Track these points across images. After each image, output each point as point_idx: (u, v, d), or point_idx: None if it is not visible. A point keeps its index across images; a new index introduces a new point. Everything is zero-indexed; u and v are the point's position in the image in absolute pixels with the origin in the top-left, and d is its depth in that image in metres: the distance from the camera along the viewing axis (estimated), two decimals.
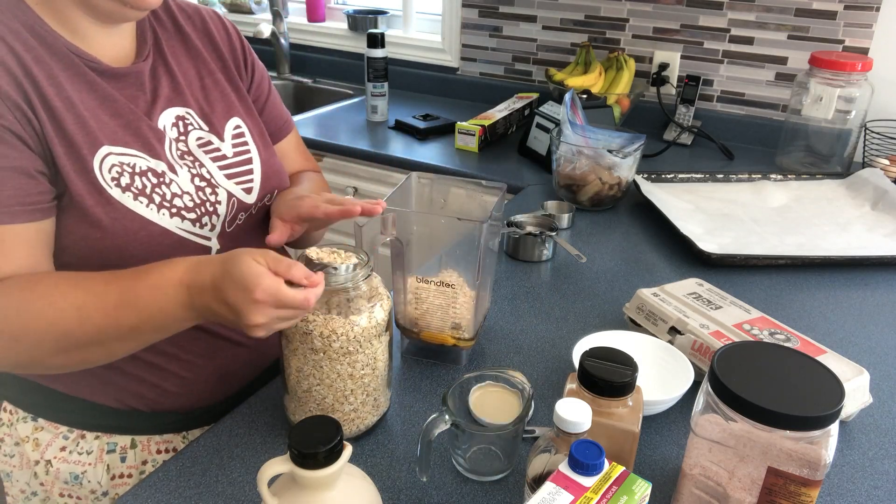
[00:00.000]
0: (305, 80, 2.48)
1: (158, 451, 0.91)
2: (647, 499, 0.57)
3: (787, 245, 1.31)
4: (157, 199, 0.79)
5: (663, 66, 1.99)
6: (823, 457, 0.60)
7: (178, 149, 0.84)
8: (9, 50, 0.72)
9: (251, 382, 0.96)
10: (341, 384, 0.76)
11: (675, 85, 2.00)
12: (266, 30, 2.37)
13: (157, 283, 0.70)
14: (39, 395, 0.88)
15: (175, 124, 0.84)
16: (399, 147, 1.89)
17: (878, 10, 1.72)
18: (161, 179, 0.80)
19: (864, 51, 1.76)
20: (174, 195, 0.81)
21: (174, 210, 0.81)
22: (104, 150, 0.76)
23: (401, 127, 2.01)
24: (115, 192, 0.76)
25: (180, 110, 0.85)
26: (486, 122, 1.88)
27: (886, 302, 1.16)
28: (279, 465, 0.59)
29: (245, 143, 0.90)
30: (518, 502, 0.74)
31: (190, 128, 0.85)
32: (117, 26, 0.81)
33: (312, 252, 0.75)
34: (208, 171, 0.85)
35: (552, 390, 0.91)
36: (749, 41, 1.89)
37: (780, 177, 1.59)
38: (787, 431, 0.60)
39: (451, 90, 2.35)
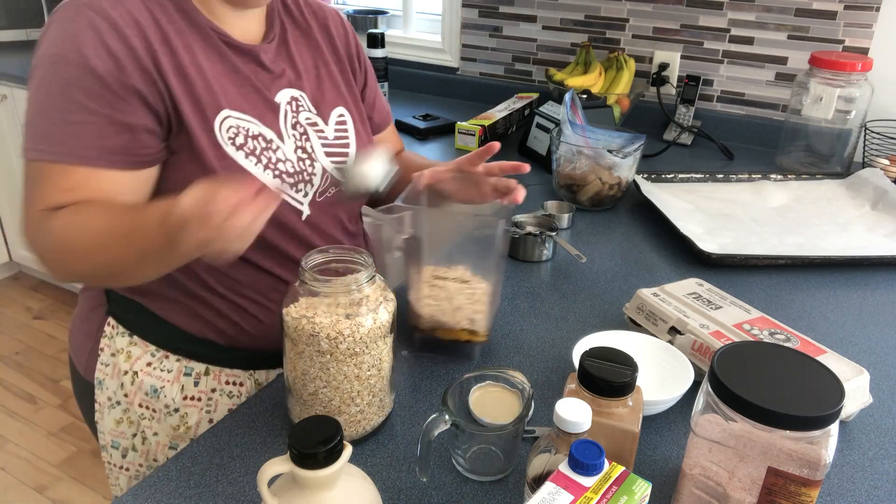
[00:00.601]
0: None
1: (227, 383, 1.00)
2: (647, 499, 0.57)
3: (787, 245, 1.31)
4: (265, 160, 0.90)
5: (663, 66, 1.99)
6: (823, 457, 0.60)
7: (289, 122, 0.94)
8: (152, 20, 0.83)
9: None
10: (348, 386, 0.77)
11: (675, 85, 2.00)
12: None
13: (154, 222, 0.75)
14: (137, 314, 0.97)
15: (290, 102, 0.95)
16: None
17: (878, 10, 1.72)
18: (269, 145, 0.91)
19: (864, 51, 1.76)
20: (279, 160, 0.91)
21: (277, 172, 0.91)
22: (225, 112, 0.87)
23: (401, 127, 2.01)
24: (230, 149, 0.87)
25: (295, 92, 0.96)
26: (486, 122, 1.88)
27: (886, 302, 1.16)
28: (279, 465, 0.59)
29: (345, 130, 1.01)
30: (518, 502, 0.74)
31: (301, 108, 0.96)
32: (247, 11, 0.92)
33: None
34: (311, 146, 0.96)
35: (552, 390, 0.91)
36: (749, 41, 1.89)
37: (780, 177, 1.59)
38: (787, 431, 0.60)
39: (451, 90, 2.35)
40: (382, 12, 2.44)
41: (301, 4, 1.02)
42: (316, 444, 0.58)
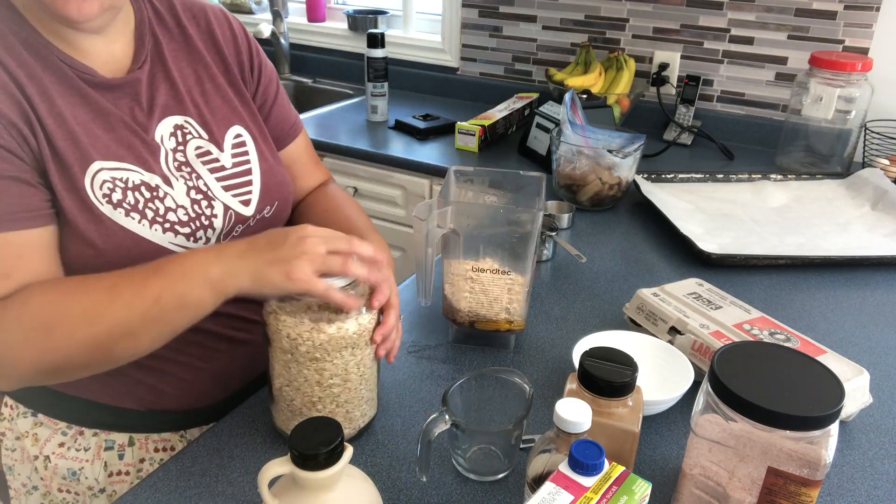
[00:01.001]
0: (305, 80, 2.49)
1: (156, 450, 0.91)
2: (647, 499, 0.57)
3: (787, 245, 1.31)
4: (150, 213, 0.78)
5: (663, 66, 1.99)
6: (823, 457, 0.60)
7: (175, 160, 0.81)
8: (3, 68, 0.71)
9: (249, 383, 0.94)
10: (308, 389, 0.76)
11: (675, 85, 2.00)
12: (266, 30, 2.38)
13: (185, 253, 0.73)
14: (39, 391, 0.88)
15: (173, 134, 0.82)
16: (399, 147, 1.89)
17: (878, 10, 1.72)
18: (155, 193, 0.78)
19: (864, 51, 1.76)
20: (168, 209, 0.79)
21: (167, 225, 0.79)
22: (96, 165, 0.75)
23: (401, 127, 2.01)
24: (107, 209, 0.75)
25: (179, 119, 0.83)
26: (486, 122, 1.88)
27: (886, 302, 1.16)
28: (280, 466, 0.59)
29: (245, 154, 0.88)
30: (518, 502, 0.74)
31: (189, 136, 0.83)
32: (107, 34, 0.78)
33: None
34: (205, 184, 0.83)
35: (552, 390, 0.91)
36: (749, 41, 1.89)
37: (780, 177, 1.59)
38: (787, 431, 0.60)
39: (451, 90, 2.35)
40: (382, 12, 2.44)
41: (176, 9, 0.87)
42: (317, 445, 0.58)
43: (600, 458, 0.56)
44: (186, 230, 0.80)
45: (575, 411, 0.62)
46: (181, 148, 0.82)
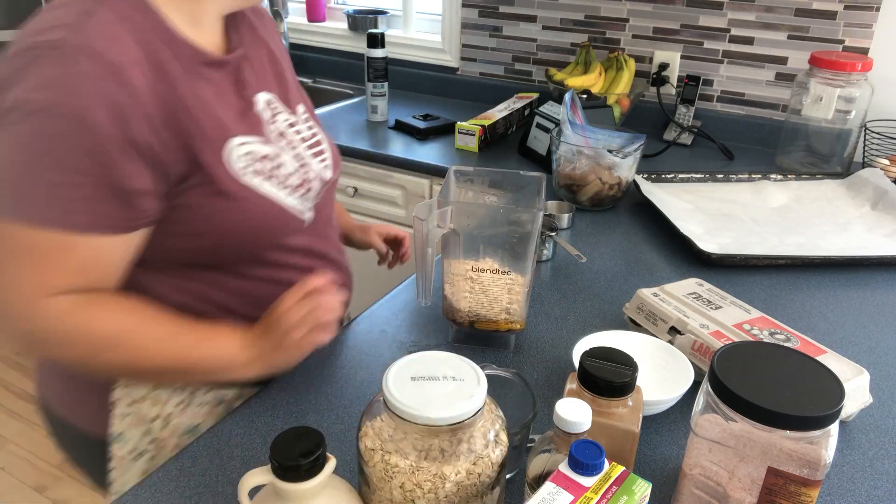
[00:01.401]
0: (305, 79, 2.49)
1: None
2: (647, 499, 0.57)
3: (787, 245, 1.31)
4: (278, 179, 0.86)
5: (663, 66, 1.99)
6: (823, 457, 0.60)
7: (274, 130, 0.88)
8: (146, 52, 0.73)
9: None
10: None
11: (675, 85, 2.00)
12: None
13: (225, 331, 0.84)
14: None
15: (266, 108, 0.89)
16: (399, 147, 1.89)
17: (878, 10, 1.72)
18: (275, 162, 0.86)
19: (864, 51, 1.76)
20: (287, 175, 0.88)
21: (289, 189, 0.87)
22: (234, 140, 0.81)
23: (401, 127, 2.01)
24: (248, 179, 0.82)
25: (267, 95, 0.90)
26: (486, 122, 1.88)
27: (886, 302, 1.16)
28: (260, 475, 0.58)
29: (312, 126, 0.98)
30: (518, 502, 0.74)
31: (277, 110, 0.91)
32: (208, 20, 0.84)
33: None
34: (301, 152, 0.92)
35: (552, 390, 0.91)
36: (749, 41, 1.89)
37: (780, 177, 1.59)
38: (787, 431, 0.60)
39: (451, 90, 2.35)
40: (382, 12, 2.44)
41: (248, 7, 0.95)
42: (297, 456, 0.56)
43: (600, 458, 0.56)
44: (300, 192, 0.89)
45: (575, 411, 0.62)
46: (274, 120, 0.89)
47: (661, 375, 0.90)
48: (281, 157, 0.87)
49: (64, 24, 0.70)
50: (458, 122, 1.89)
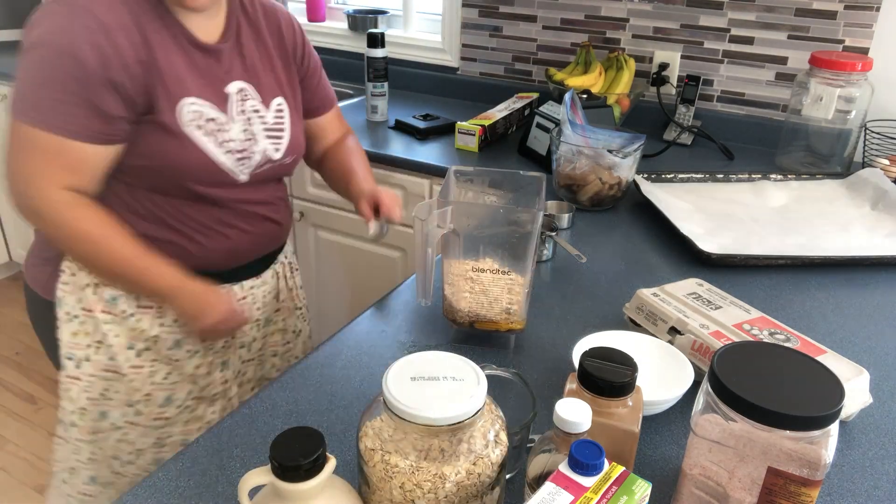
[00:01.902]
0: None
1: None
2: (647, 499, 0.57)
3: (787, 245, 1.31)
4: (218, 139, 1.06)
5: (663, 66, 1.99)
6: (823, 457, 0.60)
7: (236, 109, 1.09)
8: (136, 23, 0.97)
9: (255, 260, 1.23)
10: None
11: (675, 85, 2.00)
12: None
13: (166, 270, 1.07)
14: None
15: (238, 92, 1.10)
16: (399, 147, 1.89)
17: (878, 10, 1.72)
18: (221, 126, 1.07)
19: (864, 51, 1.76)
20: (229, 140, 1.08)
21: (227, 149, 1.08)
22: (187, 99, 1.03)
23: (401, 127, 2.01)
24: (190, 129, 1.03)
25: (242, 84, 1.11)
26: (486, 122, 1.88)
27: (886, 302, 1.16)
28: (260, 476, 0.58)
29: (282, 117, 1.17)
30: (518, 502, 0.74)
31: (247, 97, 1.11)
32: (209, 12, 1.06)
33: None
34: (254, 130, 1.12)
35: (552, 390, 0.91)
36: (749, 41, 1.89)
37: (780, 177, 1.59)
38: (787, 431, 0.60)
39: (451, 90, 2.35)
40: (382, 12, 2.44)
41: (257, 7, 1.17)
42: (297, 456, 0.56)
43: (600, 458, 0.56)
44: (238, 155, 1.09)
45: (575, 411, 0.62)
46: (242, 102, 1.10)
47: (661, 375, 0.90)
48: (229, 125, 1.08)
49: None
50: (458, 122, 1.89)
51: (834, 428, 0.60)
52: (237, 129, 1.09)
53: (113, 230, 1.03)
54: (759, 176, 1.59)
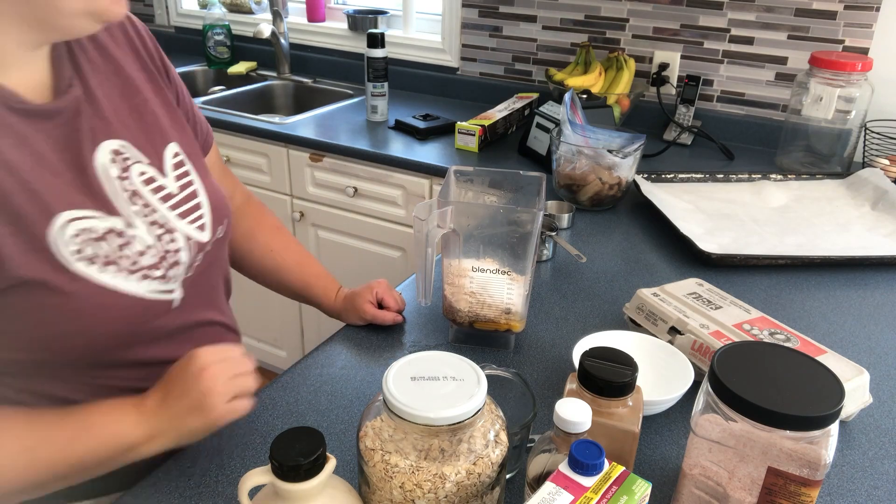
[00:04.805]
0: (305, 80, 2.48)
1: None
2: (647, 499, 0.57)
3: (787, 245, 1.31)
4: (127, 263, 0.71)
5: (663, 66, 1.99)
6: (823, 457, 0.60)
7: (124, 190, 0.72)
8: None
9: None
10: None
11: (675, 85, 2.00)
12: (266, 30, 2.38)
13: (110, 408, 0.70)
14: None
15: (114, 161, 0.72)
16: (399, 147, 1.89)
17: (878, 10, 1.72)
18: (123, 240, 0.71)
19: (864, 51, 1.76)
20: (139, 253, 0.72)
21: (144, 273, 0.72)
22: (59, 218, 0.66)
23: (401, 127, 2.01)
24: (81, 267, 0.67)
25: (114, 143, 0.73)
26: (486, 122, 1.88)
27: (886, 302, 1.16)
28: (260, 476, 0.58)
29: (187, 174, 0.81)
30: (518, 502, 0.74)
31: (129, 161, 0.74)
32: (24, 61, 0.66)
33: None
34: (162, 216, 0.75)
35: (552, 390, 0.91)
36: (749, 41, 1.89)
37: (780, 177, 1.59)
38: (787, 431, 0.60)
39: (451, 90, 2.35)
40: (382, 12, 2.44)
41: None
42: (297, 456, 0.56)
43: (600, 458, 0.56)
44: (159, 273, 0.73)
45: (575, 411, 0.62)
46: (126, 175, 0.73)
47: (661, 375, 0.90)
48: (131, 230, 0.71)
49: None
50: (458, 122, 1.89)
51: (834, 428, 0.60)
52: (142, 229, 0.72)
53: (13, 418, 0.66)
54: (759, 176, 1.59)
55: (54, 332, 0.66)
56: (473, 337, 1.00)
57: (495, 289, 0.95)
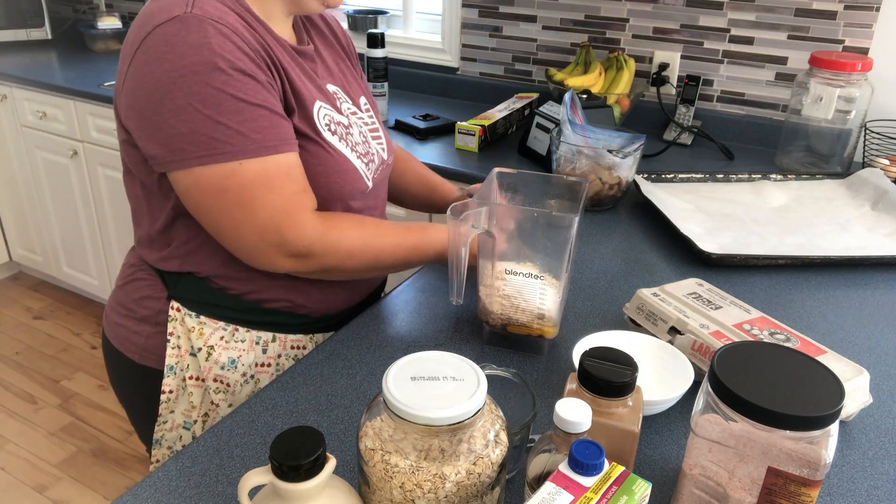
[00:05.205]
0: None
1: (291, 347, 1.08)
2: (647, 499, 0.57)
3: (787, 245, 1.31)
4: (350, 143, 1.01)
5: (663, 66, 1.99)
6: (823, 457, 0.60)
7: (345, 110, 1.04)
8: (249, 28, 0.89)
9: (360, 302, 1.16)
10: None
11: (675, 85, 2.00)
12: None
13: (435, 232, 1.03)
14: (203, 295, 1.02)
15: (333, 95, 1.03)
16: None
17: (878, 10, 1.72)
18: (348, 130, 1.02)
19: (864, 51, 1.76)
20: (356, 143, 1.03)
21: (357, 153, 1.02)
22: (318, 104, 0.96)
23: (401, 127, 2.01)
24: (327, 135, 0.96)
25: (333, 87, 1.04)
26: (486, 122, 1.88)
27: (886, 302, 1.16)
28: (260, 475, 0.58)
29: (372, 116, 1.12)
30: (518, 502, 0.74)
31: (340, 100, 1.04)
32: (283, 19, 0.98)
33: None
34: (364, 130, 1.07)
35: (552, 390, 0.91)
36: (749, 41, 1.89)
37: (780, 177, 1.59)
38: (787, 431, 0.60)
39: (451, 90, 2.35)
40: (382, 12, 2.44)
41: None
42: (298, 456, 0.56)
43: (600, 458, 0.56)
44: (366, 160, 1.03)
45: (575, 411, 0.62)
46: (339, 106, 1.03)
47: (661, 375, 0.90)
48: (351, 127, 1.02)
49: (179, 5, 0.84)
50: (458, 122, 1.89)
51: (834, 428, 0.60)
52: (356, 131, 1.04)
53: (370, 227, 0.98)
54: (759, 176, 1.59)
55: (312, 172, 0.95)
56: (506, 339, 1.00)
57: (529, 293, 0.94)
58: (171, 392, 1.04)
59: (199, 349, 1.01)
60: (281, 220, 0.88)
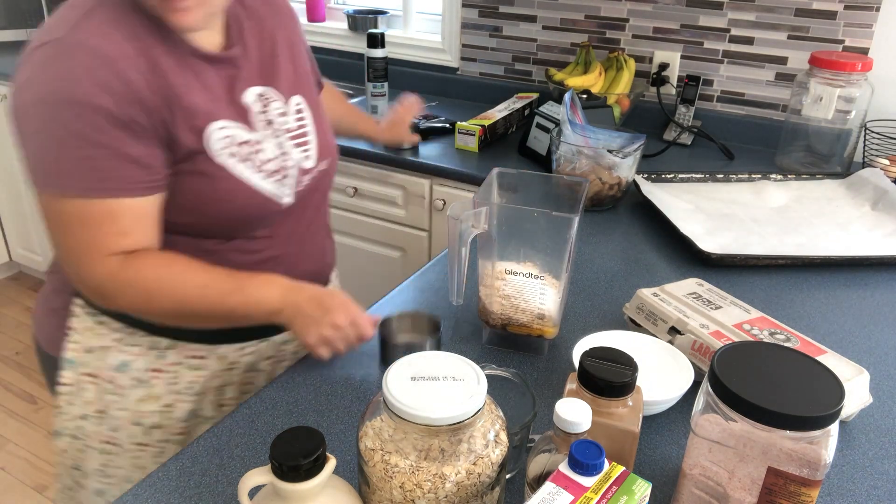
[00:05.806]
0: None
1: (191, 357, 1.05)
2: (647, 499, 0.57)
3: (787, 245, 1.31)
4: (257, 162, 0.96)
5: (663, 66, 1.99)
6: (823, 457, 0.60)
7: (262, 119, 0.99)
8: (141, 46, 0.85)
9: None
10: None
11: (675, 85, 2.00)
12: None
13: (264, 280, 0.94)
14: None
15: (258, 99, 0.99)
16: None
17: (878, 10, 1.72)
18: (255, 148, 0.96)
19: (864, 51, 1.76)
20: (264, 161, 0.97)
21: (266, 172, 0.97)
22: (214, 124, 0.92)
23: None
24: (225, 159, 0.92)
25: (260, 88, 1.00)
26: (486, 122, 1.88)
27: (886, 302, 1.16)
28: (260, 476, 0.58)
29: (303, 119, 1.06)
30: (518, 502, 0.74)
31: (269, 101, 1.00)
32: (209, 25, 0.93)
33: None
34: (283, 140, 1.01)
35: (552, 390, 0.91)
36: (749, 41, 1.89)
37: (780, 177, 1.59)
38: (787, 431, 0.60)
39: (451, 90, 2.35)
40: (382, 12, 2.44)
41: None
42: (297, 456, 0.56)
43: (600, 458, 0.56)
44: (277, 177, 0.99)
45: (575, 411, 0.62)
46: (265, 110, 0.99)
47: (661, 375, 0.90)
48: (262, 143, 0.97)
49: (66, 22, 0.83)
50: (458, 123, 1.89)
51: (834, 428, 0.60)
52: (270, 145, 0.98)
53: (175, 267, 0.91)
54: (759, 176, 1.59)
55: (206, 200, 0.92)
56: (506, 340, 0.99)
57: (528, 293, 0.94)
58: (70, 385, 1.04)
59: (95, 348, 1.02)
60: (80, 257, 0.88)
